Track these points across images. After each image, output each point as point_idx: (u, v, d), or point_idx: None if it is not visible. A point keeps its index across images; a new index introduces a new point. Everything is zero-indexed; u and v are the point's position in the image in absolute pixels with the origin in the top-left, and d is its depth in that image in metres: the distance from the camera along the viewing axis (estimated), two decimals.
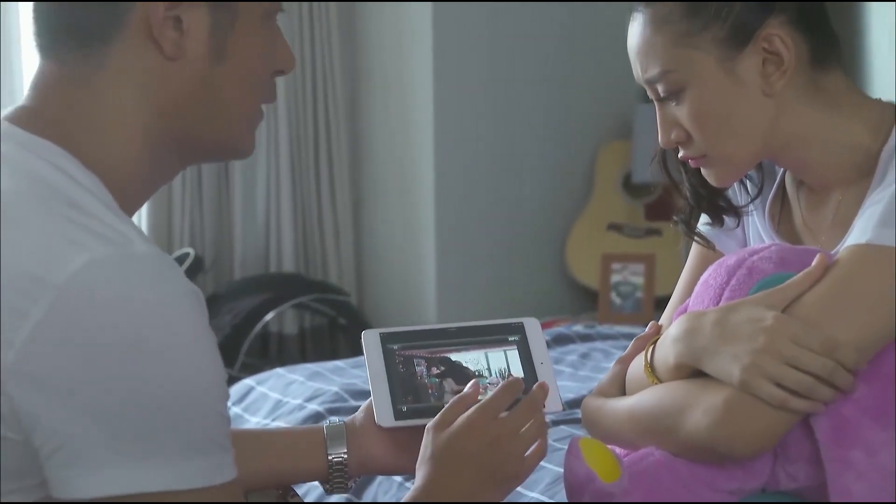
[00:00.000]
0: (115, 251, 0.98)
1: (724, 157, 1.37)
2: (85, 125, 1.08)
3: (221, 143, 1.15)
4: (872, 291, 1.21)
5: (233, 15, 1.10)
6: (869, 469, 1.20)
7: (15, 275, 0.97)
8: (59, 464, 0.97)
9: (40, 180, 1.03)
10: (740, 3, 1.32)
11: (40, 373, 0.96)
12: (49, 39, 1.10)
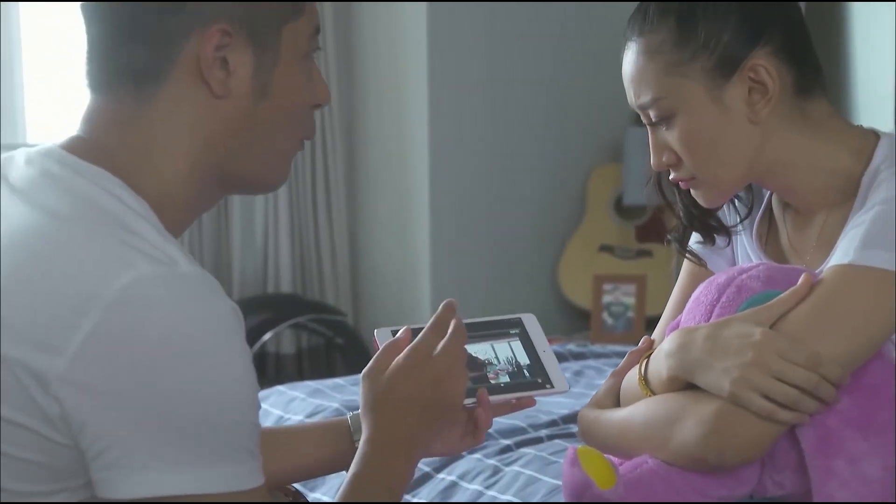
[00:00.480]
0: (162, 270, 1.03)
1: (712, 180, 1.41)
2: (136, 156, 1.14)
3: (260, 175, 1.21)
4: (855, 309, 1.26)
5: (275, 55, 1.16)
6: (851, 477, 1.24)
7: (67, 288, 1.02)
8: (103, 465, 1.02)
9: (92, 203, 1.08)
10: (727, 35, 1.36)
11: (89, 380, 1.01)
12: (103, 77, 1.16)
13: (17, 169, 1.14)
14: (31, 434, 1.03)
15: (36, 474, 1.05)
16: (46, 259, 1.04)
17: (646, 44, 1.40)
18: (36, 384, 1.01)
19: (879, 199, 1.31)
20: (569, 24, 4.18)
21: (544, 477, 1.95)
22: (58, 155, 1.12)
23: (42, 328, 1.02)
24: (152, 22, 1.13)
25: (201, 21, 1.12)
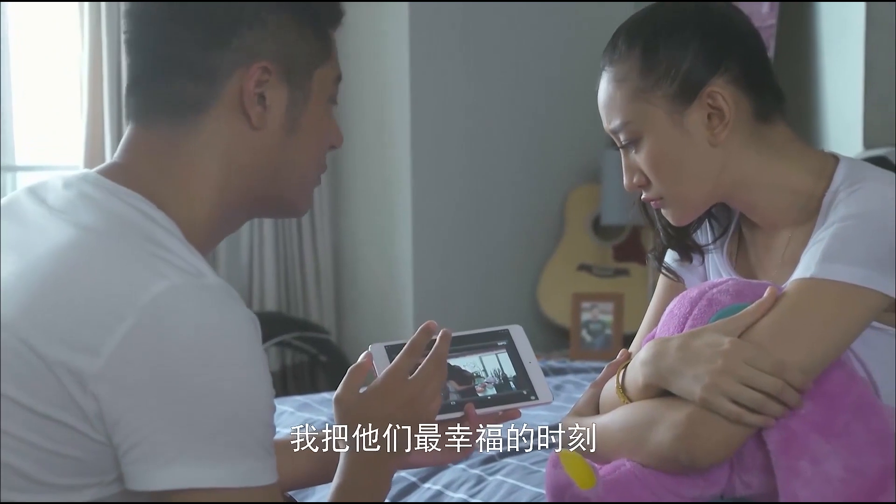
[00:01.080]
0: (190, 281, 1.11)
1: (678, 199, 1.49)
2: (171, 182, 1.21)
3: (285, 200, 1.29)
4: (816, 319, 1.33)
5: (305, 95, 1.25)
6: (814, 477, 1.30)
7: (104, 296, 1.10)
8: (133, 459, 1.10)
9: (125, 220, 1.16)
10: (687, 64, 1.43)
11: (124, 379, 1.08)
12: (144, 108, 1.23)
13: (55, 192, 1.22)
14: (69, 430, 1.10)
15: (71, 468, 1.11)
16: (84, 269, 1.12)
17: (615, 72, 1.47)
18: (75, 383, 1.08)
19: (838, 217, 1.37)
20: (547, 52, 4.25)
21: (526, 485, 1.99)
22: (94, 179, 1.20)
23: (81, 331, 1.09)
24: (198, 58, 1.20)
25: (245, 59, 1.20)
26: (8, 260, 1.17)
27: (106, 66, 3.90)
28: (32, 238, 1.18)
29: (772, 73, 1.51)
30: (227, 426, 1.11)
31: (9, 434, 1.10)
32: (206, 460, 1.10)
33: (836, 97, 3.72)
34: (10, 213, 1.24)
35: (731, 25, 1.48)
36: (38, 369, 1.09)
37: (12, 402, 1.10)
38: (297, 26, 1.25)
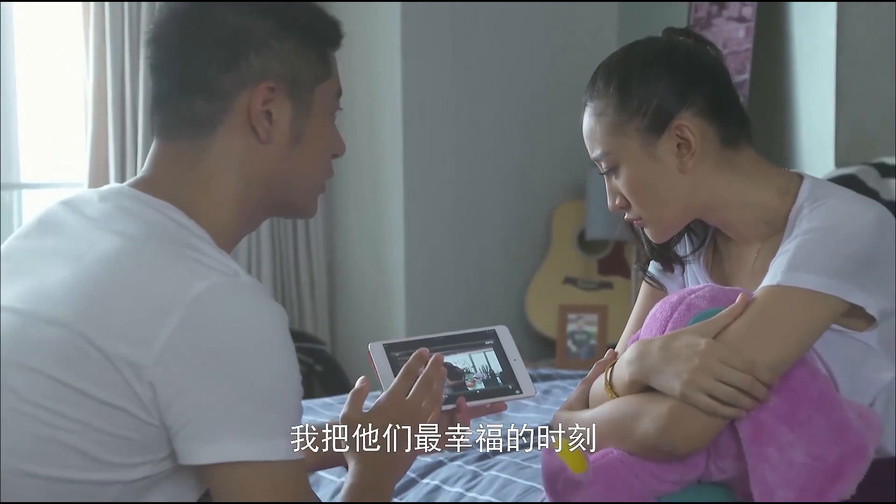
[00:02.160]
0: (227, 280, 1.24)
1: (655, 220, 1.59)
2: (194, 191, 1.33)
3: (295, 204, 1.41)
4: (782, 322, 1.43)
5: (308, 109, 1.37)
6: (780, 462, 1.41)
7: (151, 295, 1.22)
8: (184, 437, 1.22)
9: (161, 227, 1.28)
10: (657, 100, 1.54)
11: (174, 368, 1.21)
12: (167, 125, 1.35)
13: (92, 205, 1.34)
14: (127, 415, 1.22)
15: (129, 449, 1.24)
16: (133, 273, 1.24)
17: (594, 107, 1.59)
18: (132, 373, 1.21)
19: (802, 230, 1.48)
20: (534, 74, 4.28)
21: (519, 479, 2.11)
22: (128, 192, 1.33)
23: (134, 327, 1.21)
24: (211, 80, 1.32)
25: (252, 79, 1.33)
26: (56, 266, 1.28)
27: (110, 85, 3.92)
28: (78, 247, 1.29)
29: (737, 102, 1.61)
30: (264, 408, 1.23)
31: (75, 420, 1.22)
32: (245, 438, 1.22)
33: (809, 118, 3.78)
34: (47, 225, 1.35)
35: (697, 62, 1.58)
36: (99, 362, 1.21)
37: (77, 391, 1.22)
38: (299, 48, 1.36)
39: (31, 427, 1.22)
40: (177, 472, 1.28)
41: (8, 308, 1.29)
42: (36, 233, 1.37)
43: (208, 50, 1.34)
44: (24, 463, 1.23)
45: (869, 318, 1.49)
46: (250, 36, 1.34)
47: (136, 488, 1.26)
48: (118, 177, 3.95)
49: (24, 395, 1.23)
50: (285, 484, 1.24)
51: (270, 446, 1.24)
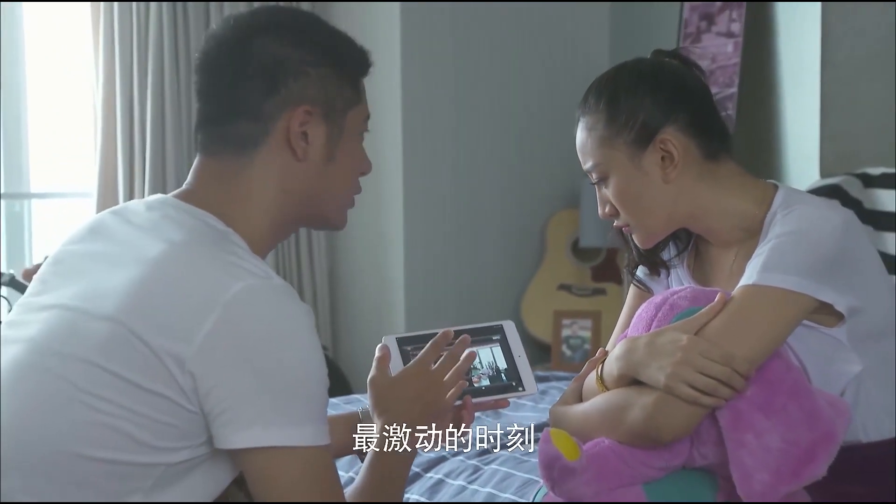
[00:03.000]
0: (261, 282, 1.35)
1: (641, 227, 1.69)
2: (234, 204, 1.44)
3: (326, 217, 1.52)
4: (758, 319, 1.52)
5: (340, 131, 1.48)
6: (757, 447, 1.49)
7: (193, 295, 1.34)
8: (220, 424, 1.33)
9: (203, 234, 1.40)
10: (643, 116, 1.64)
11: (212, 360, 1.32)
12: (213, 143, 1.47)
13: (140, 214, 1.46)
14: (170, 403, 1.33)
15: (171, 434, 1.35)
16: (177, 275, 1.36)
17: (586, 122, 1.70)
18: (175, 364, 1.32)
19: (775, 234, 1.58)
20: (530, 89, 4.34)
21: (518, 472, 2.22)
22: (172, 203, 1.45)
23: (177, 324, 1.32)
24: (255, 103, 1.44)
25: (291, 104, 1.44)
26: (106, 269, 1.40)
27: (119, 98, 3.98)
28: (126, 251, 1.41)
29: (719, 118, 1.71)
30: (294, 396, 1.34)
31: (124, 406, 1.33)
32: (277, 424, 1.33)
33: (795, 130, 3.83)
34: (98, 232, 1.48)
35: (682, 82, 1.69)
36: (145, 354, 1.33)
37: (125, 380, 1.33)
38: (333, 76, 1.48)
39: (85, 413, 1.33)
40: (213, 457, 1.38)
41: (62, 306, 1.40)
42: (87, 239, 1.48)
43: (252, 77, 1.45)
44: (79, 446, 1.33)
45: (838, 314, 1.58)
46: (289, 64, 1.45)
47: (176, 470, 1.37)
48: (127, 186, 4.01)
49: (78, 383, 1.34)
50: (312, 467, 1.35)
51: (299, 432, 1.34)
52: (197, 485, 1.40)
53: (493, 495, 2.15)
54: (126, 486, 1.35)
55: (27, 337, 1.41)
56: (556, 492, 1.56)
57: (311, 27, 1.52)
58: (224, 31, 1.49)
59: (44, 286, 1.47)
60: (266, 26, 1.48)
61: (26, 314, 1.46)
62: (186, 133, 4.06)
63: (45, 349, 1.38)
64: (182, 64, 4.05)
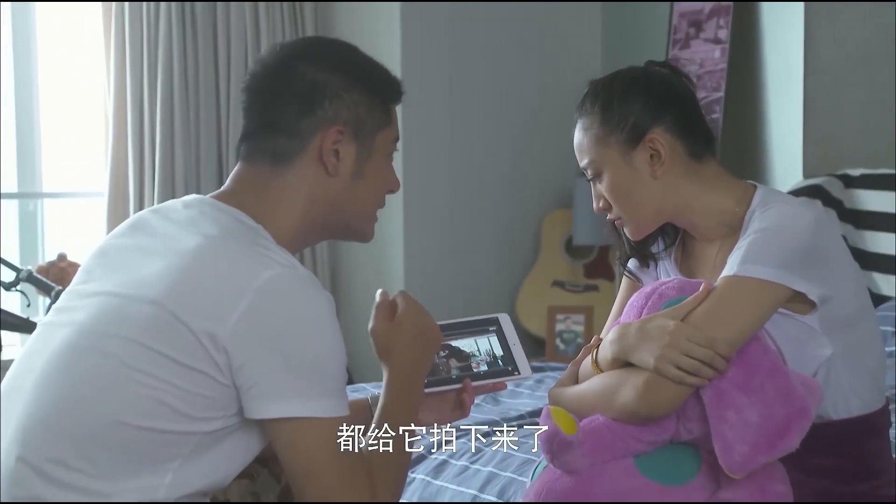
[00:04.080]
0: (287, 270, 1.49)
1: (632, 220, 1.80)
2: (266, 207, 1.57)
3: (352, 229, 1.64)
4: (737, 306, 1.62)
5: (370, 151, 1.60)
6: (737, 422, 1.59)
7: (227, 281, 1.47)
8: (251, 396, 1.47)
9: (235, 230, 1.53)
10: (633, 117, 1.75)
11: (244, 340, 1.45)
12: (252, 153, 1.59)
13: (177, 212, 1.59)
14: (206, 377, 1.46)
15: (206, 405, 1.48)
16: (212, 264, 1.49)
17: (583, 122, 1.81)
18: (211, 343, 1.45)
19: (753, 230, 1.68)
20: (525, 95, 4.39)
21: (517, 453, 2.34)
22: (208, 201, 1.59)
23: (213, 307, 1.45)
24: (293, 122, 1.57)
25: (326, 124, 1.57)
26: (148, 260, 1.54)
27: (129, 98, 4.03)
28: (166, 244, 1.54)
29: (704, 122, 1.81)
30: (316, 373, 1.47)
31: (165, 381, 1.46)
32: (302, 397, 1.46)
33: (780, 132, 3.92)
34: (138, 228, 1.61)
35: (670, 88, 1.79)
36: (184, 334, 1.46)
37: (167, 357, 1.46)
38: (365, 100, 1.60)
39: (132, 388, 1.46)
40: (243, 427, 1.51)
41: (107, 293, 1.54)
42: (129, 234, 1.62)
43: (292, 99, 1.58)
44: (127, 416, 1.46)
45: (811, 303, 1.68)
46: (326, 88, 1.58)
47: (211, 438, 1.50)
48: (137, 185, 4.07)
49: (125, 360, 1.47)
50: (332, 436, 1.48)
51: (320, 405, 1.47)
52: (229, 451, 1.52)
53: (493, 474, 2.27)
54: (168, 452, 1.48)
55: (76, 321, 1.54)
56: (555, 464, 1.67)
57: (348, 56, 1.64)
58: (271, 56, 1.63)
59: (89, 276, 1.60)
60: (307, 54, 1.62)
61: (74, 301, 1.59)
62: (195, 133, 4.12)
63: (94, 331, 1.51)
64: (190, 64, 4.10)
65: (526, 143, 4.44)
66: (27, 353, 1.59)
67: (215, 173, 4.15)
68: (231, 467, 1.55)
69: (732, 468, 1.60)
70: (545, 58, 4.44)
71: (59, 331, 1.55)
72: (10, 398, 1.55)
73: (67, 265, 3.97)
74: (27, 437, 1.49)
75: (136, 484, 1.46)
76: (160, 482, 1.47)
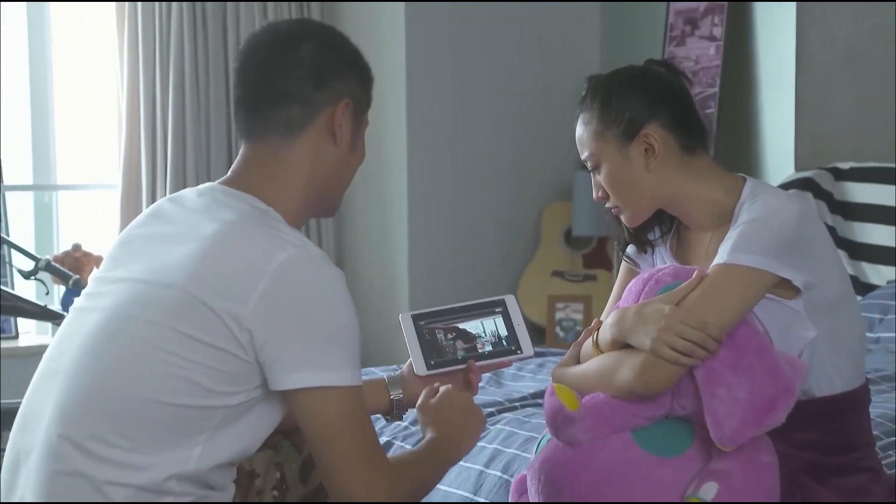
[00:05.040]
0: (301, 251, 1.56)
1: (628, 208, 1.87)
2: (273, 186, 1.64)
3: (333, 203, 1.72)
4: (728, 292, 1.69)
5: (360, 126, 1.70)
6: (728, 399, 1.65)
7: (245, 264, 1.53)
8: (273, 370, 1.54)
9: (249, 214, 1.60)
10: (629, 113, 1.82)
11: (265, 318, 1.52)
12: (260, 128, 1.65)
13: (193, 200, 1.66)
14: (230, 355, 1.54)
15: (230, 380, 1.55)
16: (230, 248, 1.56)
17: (584, 117, 1.89)
18: (234, 323, 1.52)
19: (743, 220, 1.75)
20: (527, 91, 4.45)
21: (520, 431, 2.42)
22: (220, 189, 1.66)
23: (234, 288, 1.53)
24: (307, 92, 1.64)
25: (336, 97, 1.66)
26: (169, 246, 1.60)
27: (142, 94, 4.10)
28: (185, 231, 1.61)
29: (697, 119, 1.89)
30: (332, 345, 1.54)
31: (191, 360, 1.53)
32: (319, 368, 1.54)
33: (772, 127, 3.99)
34: (157, 216, 1.68)
35: (666, 86, 1.87)
36: (207, 316, 1.53)
37: (192, 338, 1.54)
38: (359, 80, 1.70)
39: (160, 366, 1.54)
40: (265, 399, 1.58)
41: (132, 279, 1.61)
42: (149, 223, 1.69)
43: (303, 71, 1.65)
44: (158, 394, 1.54)
45: (796, 289, 1.76)
46: (333, 64, 1.67)
47: (236, 411, 1.57)
48: (149, 177, 4.14)
49: (154, 342, 1.54)
50: (349, 403, 1.56)
51: (337, 375, 1.55)
52: (252, 422, 1.60)
53: (498, 450, 2.34)
54: (197, 426, 1.55)
55: (105, 306, 1.61)
56: (559, 437, 1.75)
57: (344, 40, 1.73)
58: (270, 34, 1.69)
59: (115, 263, 1.68)
60: (310, 35, 1.69)
61: (101, 287, 1.66)
62: (205, 127, 4.19)
63: (122, 315, 1.58)
64: (200, 61, 4.17)
65: (527, 138, 4.47)
66: (61, 337, 1.67)
67: (225, 166, 4.21)
68: (255, 437, 1.62)
69: (723, 441, 1.66)
70: (545, 55, 4.49)
71: (91, 315, 1.62)
72: (47, 380, 1.63)
73: (82, 255, 4.09)
74: (66, 416, 1.56)
75: (170, 456, 1.53)
76: (191, 454, 1.54)
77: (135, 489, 1.52)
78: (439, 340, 1.81)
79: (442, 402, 1.76)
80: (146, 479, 1.52)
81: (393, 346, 4.05)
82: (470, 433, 1.76)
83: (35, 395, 1.64)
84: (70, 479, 1.53)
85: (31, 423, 1.61)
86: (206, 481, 1.57)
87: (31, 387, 1.66)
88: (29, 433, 1.60)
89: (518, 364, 3.12)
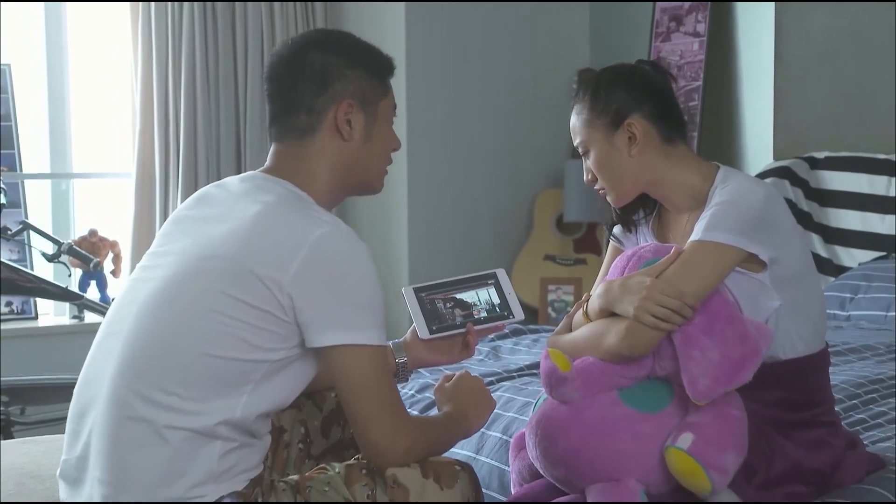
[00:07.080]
0: (334, 227, 1.73)
1: (613, 189, 2.01)
2: (303, 175, 1.82)
3: (368, 184, 1.90)
4: (702, 265, 1.83)
5: (374, 117, 1.86)
6: (702, 360, 1.77)
7: (286, 238, 1.70)
8: (311, 330, 1.71)
9: (287, 196, 1.78)
10: (616, 104, 1.96)
11: (303, 284, 1.68)
12: (281, 134, 1.83)
13: (236, 185, 1.83)
14: (272, 316, 1.70)
15: (272, 338, 1.71)
16: (272, 224, 1.72)
17: (576, 108, 2.03)
18: (276, 288, 1.69)
19: (714, 202, 1.89)
20: (520, 82, 4.53)
21: (517, 397, 2.57)
22: (259, 176, 1.84)
23: (277, 259, 1.69)
24: (310, 100, 1.81)
25: (338, 99, 1.82)
26: (216, 225, 1.77)
27: (155, 88, 4.21)
28: (230, 212, 1.77)
29: (678, 112, 2.03)
30: (361, 308, 1.70)
31: (240, 319, 1.70)
32: (352, 328, 1.70)
33: (752, 118, 4.08)
34: (204, 200, 1.86)
35: (650, 82, 2.02)
36: (253, 281, 1.69)
37: (240, 301, 1.70)
38: (365, 76, 1.84)
39: (214, 325, 1.71)
40: (302, 357, 1.75)
41: (185, 252, 1.78)
42: (197, 205, 1.87)
43: (307, 81, 1.82)
44: (210, 348, 1.71)
45: (762, 263, 1.89)
46: (333, 69, 1.82)
47: (277, 366, 1.74)
48: (162, 167, 4.26)
49: (206, 304, 1.72)
50: (376, 360, 1.73)
51: (366, 335, 1.72)
52: (290, 377, 1.76)
53: (498, 414, 2.47)
54: (244, 378, 1.71)
55: (160, 276, 1.78)
56: (553, 395, 1.89)
57: (348, 41, 1.89)
58: (284, 49, 1.87)
59: (167, 240, 1.84)
60: (314, 43, 1.85)
61: (155, 260, 1.83)
62: (215, 120, 4.30)
63: (177, 282, 1.75)
64: (210, 57, 4.29)
65: (520, 129, 4.54)
66: (119, 305, 1.84)
67: (234, 156, 4.35)
68: (292, 391, 1.78)
69: (697, 397, 1.78)
70: (539, 51, 4.55)
71: (146, 284, 1.80)
72: (108, 342, 1.80)
73: (98, 240, 4.28)
74: (130, 369, 1.73)
75: (220, 404, 1.70)
76: (238, 402, 1.71)
77: (190, 432, 1.69)
78: (439, 309, 1.96)
79: (457, 385, 1.95)
80: (199, 424, 1.69)
81: (392, 321, 4.20)
82: (481, 412, 1.94)
83: (97, 355, 1.81)
84: (133, 424, 1.70)
85: (95, 379, 1.77)
86: (249, 429, 1.74)
87: (92, 349, 1.84)
88: (94, 387, 1.77)
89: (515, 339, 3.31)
